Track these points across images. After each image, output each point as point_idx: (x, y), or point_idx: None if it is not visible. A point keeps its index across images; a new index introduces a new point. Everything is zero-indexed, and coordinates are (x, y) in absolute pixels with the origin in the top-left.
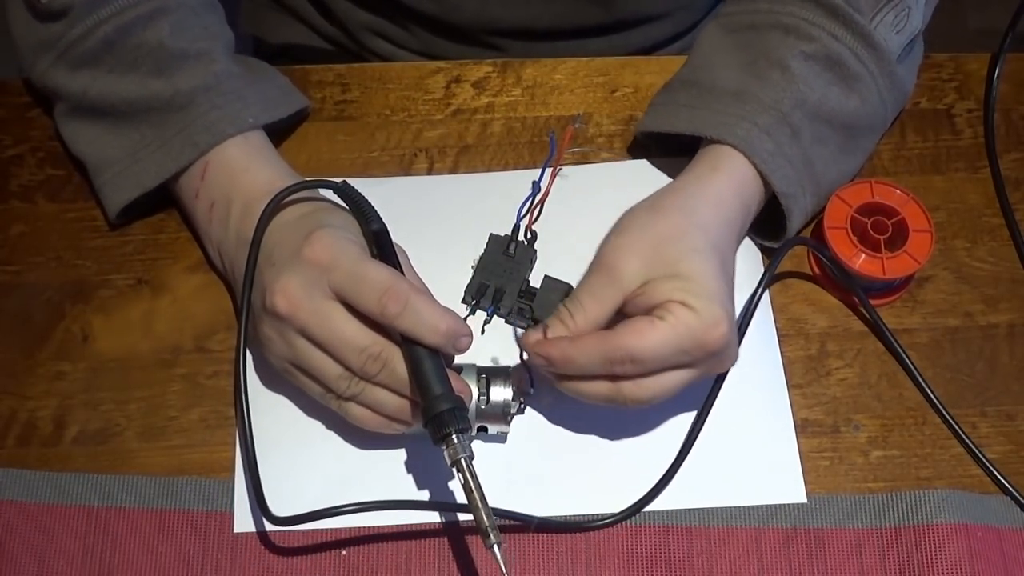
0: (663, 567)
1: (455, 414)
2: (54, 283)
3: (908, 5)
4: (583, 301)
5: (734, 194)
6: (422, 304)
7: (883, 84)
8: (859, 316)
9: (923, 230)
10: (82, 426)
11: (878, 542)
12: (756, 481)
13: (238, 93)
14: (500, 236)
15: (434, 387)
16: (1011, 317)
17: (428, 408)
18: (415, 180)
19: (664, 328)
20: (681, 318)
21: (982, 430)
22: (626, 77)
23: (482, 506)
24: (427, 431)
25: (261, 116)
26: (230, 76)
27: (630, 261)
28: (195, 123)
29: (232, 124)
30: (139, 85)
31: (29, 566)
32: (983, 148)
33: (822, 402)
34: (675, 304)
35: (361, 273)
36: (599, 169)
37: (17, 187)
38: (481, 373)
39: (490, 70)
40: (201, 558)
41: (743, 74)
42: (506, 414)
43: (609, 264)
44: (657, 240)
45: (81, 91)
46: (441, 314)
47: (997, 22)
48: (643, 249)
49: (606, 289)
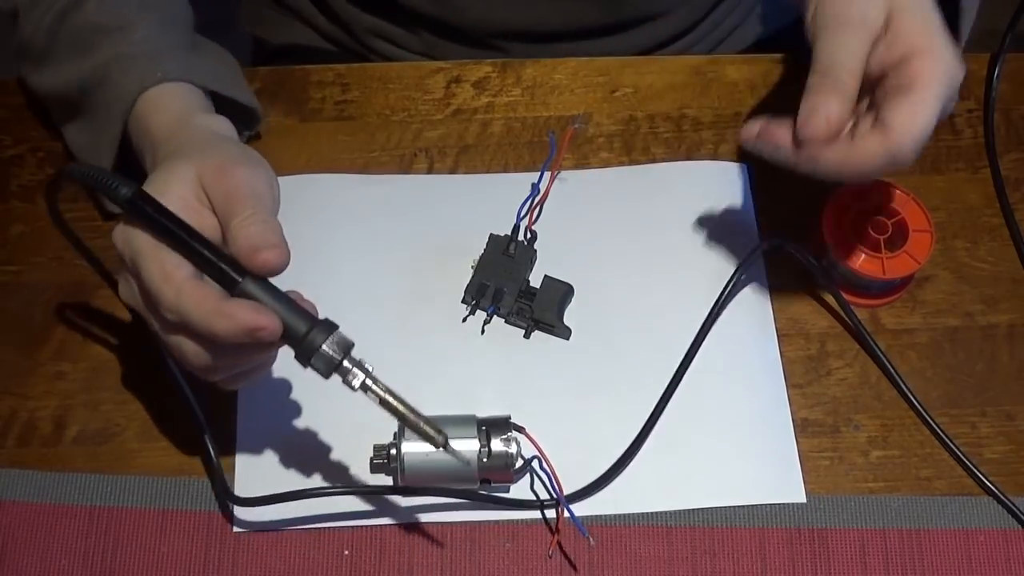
0: (665, 567)
1: (333, 341)
2: (54, 283)
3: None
4: (841, 60)
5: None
6: (190, 287)
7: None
8: (858, 316)
9: (923, 230)
10: (82, 426)
11: (881, 543)
12: (756, 481)
13: (151, 54)
14: (500, 236)
15: (296, 322)
16: (1011, 317)
17: (303, 349)
18: (415, 180)
19: (924, 95)
20: (931, 72)
21: (982, 430)
22: (626, 77)
23: (411, 413)
24: (313, 369)
25: (174, 72)
26: (147, 40)
27: (869, 5)
28: (112, 94)
29: (138, 83)
30: (73, 70)
31: (31, 566)
32: (983, 148)
33: (822, 402)
34: (916, 59)
35: (142, 266)
36: (598, 173)
37: (17, 187)
38: (481, 425)
39: (490, 70)
40: (202, 558)
41: None
42: (509, 466)
43: (847, 15)
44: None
45: (49, 88)
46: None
47: (997, 22)
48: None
49: (855, 40)
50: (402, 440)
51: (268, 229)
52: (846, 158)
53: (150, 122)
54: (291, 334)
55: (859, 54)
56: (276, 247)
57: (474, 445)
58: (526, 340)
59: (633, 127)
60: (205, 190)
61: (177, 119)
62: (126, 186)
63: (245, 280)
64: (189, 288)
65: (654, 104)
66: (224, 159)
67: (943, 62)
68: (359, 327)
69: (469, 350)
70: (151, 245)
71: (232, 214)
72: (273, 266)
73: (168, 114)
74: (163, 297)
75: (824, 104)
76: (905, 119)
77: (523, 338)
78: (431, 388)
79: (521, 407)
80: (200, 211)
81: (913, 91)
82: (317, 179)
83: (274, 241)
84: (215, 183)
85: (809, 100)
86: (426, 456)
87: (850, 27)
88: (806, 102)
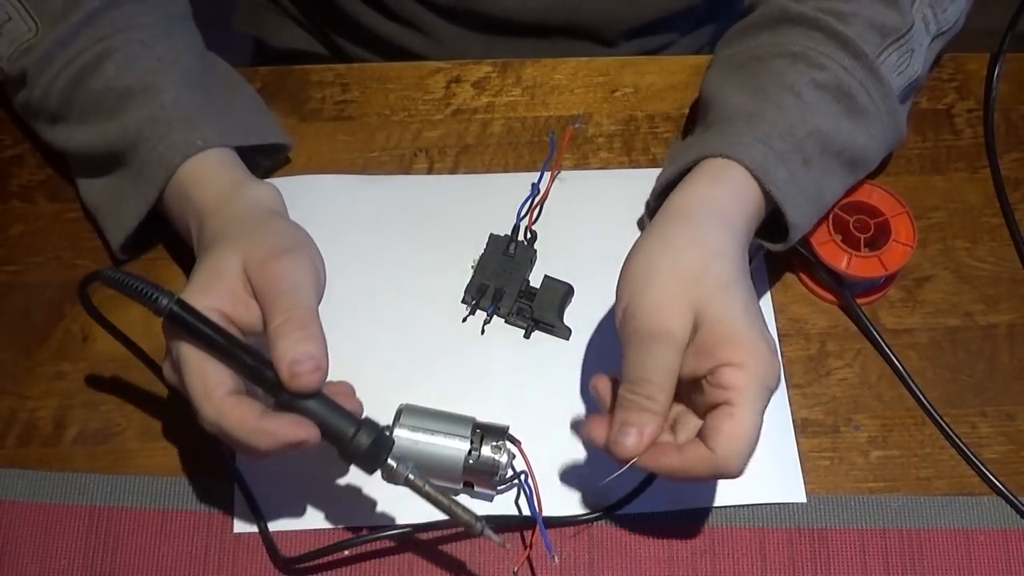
0: (666, 567)
1: (375, 443)
2: (54, 283)
3: (912, 47)
4: (652, 378)
5: (739, 207)
6: (229, 406)
7: (887, 123)
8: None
9: (905, 243)
10: (82, 426)
11: (881, 543)
12: (756, 481)
13: (186, 119)
14: (500, 236)
15: (340, 428)
16: (1011, 317)
17: (347, 451)
18: (415, 180)
19: (741, 410)
20: (742, 385)
21: (982, 430)
22: (626, 77)
23: (451, 504)
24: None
25: (212, 138)
26: (178, 103)
27: (673, 318)
28: (149, 158)
29: (179, 152)
30: (99, 132)
31: (31, 566)
32: (983, 148)
33: (822, 402)
34: (726, 370)
35: (185, 375)
36: (598, 174)
37: (17, 187)
38: (477, 428)
39: (490, 70)
40: (202, 558)
41: (754, 98)
42: (492, 474)
43: (655, 329)
44: (684, 284)
45: (63, 145)
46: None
47: (997, 22)
48: (677, 298)
49: (666, 354)
50: (395, 428)
51: (305, 337)
52: (674, 471)
53: (192, 192)
54: (336, 439)
55: (669, 369)
56: (310, 362)
57: (464, 446)
58: (526, 340)
59: (633, 127)
60: (250, 280)
61: (224, 191)
62: (165, 296)
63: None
64: (228, 408)
65: (654, 104)
66: (270, 249)
67: (755, 369)
68: (359, 327)
69: (469, 350)
70: (194, 355)
71: (271, 312)
72: (309, 389)
73: (212, 186)
74: (203, 413)
75: (637, 422)
76: (726, 438)
77: (523, 338)
78: (431, 388)
79: (520, 407)
80: (247, 303)
81: (731, 405)
82: (317, 179)
83: (312, 353)
84: (258, 276)
85: (620, 416)
86: (415, 444)
87: (658, 340)
88: (617, 417)
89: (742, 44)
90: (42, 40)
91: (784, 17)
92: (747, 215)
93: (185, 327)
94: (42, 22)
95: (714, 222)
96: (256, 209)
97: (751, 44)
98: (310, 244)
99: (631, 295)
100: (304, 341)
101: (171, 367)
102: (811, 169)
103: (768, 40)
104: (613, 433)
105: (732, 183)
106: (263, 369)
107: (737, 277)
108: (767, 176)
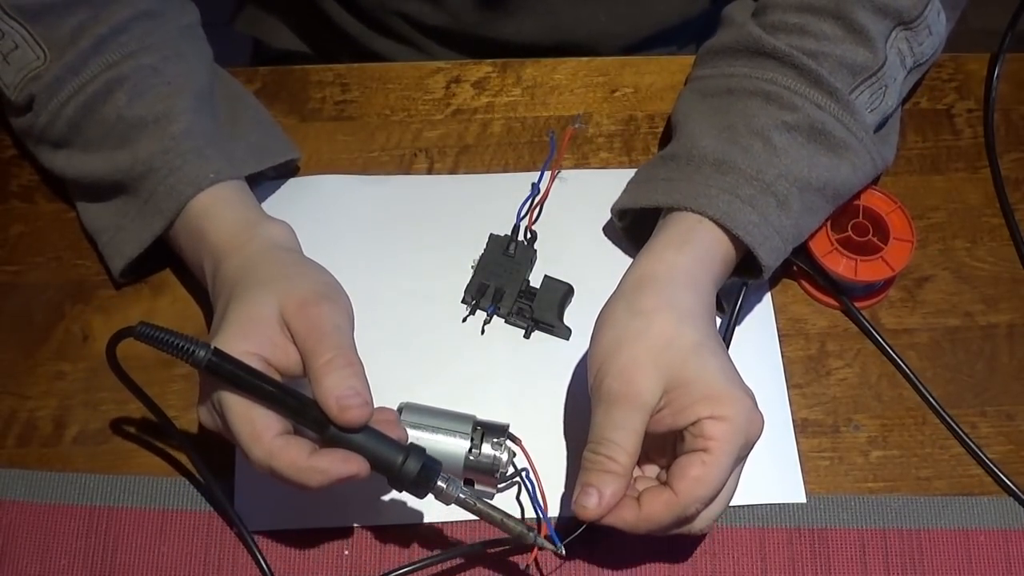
0: (665, 567)
1: (423, 468)
2: (54, 283)
3: (885, 83)
4: (616, 439)
5: (706, 270)
6: (279, 448)
7: (872, 150)
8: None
9: (905, 239)
10: (82, 426)
11: (881, 543)
12: (756, 481)
13: (197, 150)
14: (500, 236)
15: (388, 458)
16: (1011, 317)
17: (397, 479)
18: (415, 180)
19: (715, 457)
20: (722, 436)
21: (982, 430)
22: (626, 77)
23: (505, 519)
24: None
25: (225, 171)
26: (189, 135)
27: (642, 381)
28: (158, 189)
29: (191, 184)
30: (107, 160)
31: (31, 566)
32: (983, 148)
33: (822, 402)
34: (707, 422)
35: (230, 422)
36: (598, 173)
37: (17, 187)
38: (477, 425)
39: (490, 70)
40: (202, 558)
41: (723, 142)
42: (493, 472)
43: (623, 392)
44: (655, 349)
45: (64, 170)
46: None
47: (997, 22)
48: (646, 363)
49: (632, 417)
50: (400, 416)
51: (351, 374)
52: (636, 522)
53: (206, 228)
54: (385, 469)
55: (633, 431)
56: (358, 398)
57: (464, 443)
58: (526, 340)
59: (633, 127)
60: (287, 323)
61: (239, 231)
62: (202, 348)
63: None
64: (278, 450)
65: (654, 104)
66: (306, 294)
67: (738, 422)
68: (359, 327)
69: (469, 350)
70: (236, 402)
71: (315, 353)
72: (357, 424)
73: (226, 223)
74: (253, 456)
75: (597, 483)
76: (692, 481)
77: (523, 338)
78: (431, 388)
79: (520, 407)
80: (286, 348)
81: (707, 452)
82: (317, 180)
83: (358, 388)
84: (297, 319)
85: (582, 477)
86: (419, 436)
87: (625, 402)
88: (581, 478)
89: (716, 68)
90: (51, 67)
91: (759, 50)
92: (714, 275)
93: (225, 375)
94: (50, 50)
95: (683, 287)
96: (275, 251)
97: (726, 71)
98: (341, 289)
99: (602, 360)
100: (351, 378)
101: (209, 413)
102: (789, 209)
103: (743, 71)
104: (575, 494)
105: (699, 246)
106: (308, 408)
107: (708, 336)
108: (734, 223)
